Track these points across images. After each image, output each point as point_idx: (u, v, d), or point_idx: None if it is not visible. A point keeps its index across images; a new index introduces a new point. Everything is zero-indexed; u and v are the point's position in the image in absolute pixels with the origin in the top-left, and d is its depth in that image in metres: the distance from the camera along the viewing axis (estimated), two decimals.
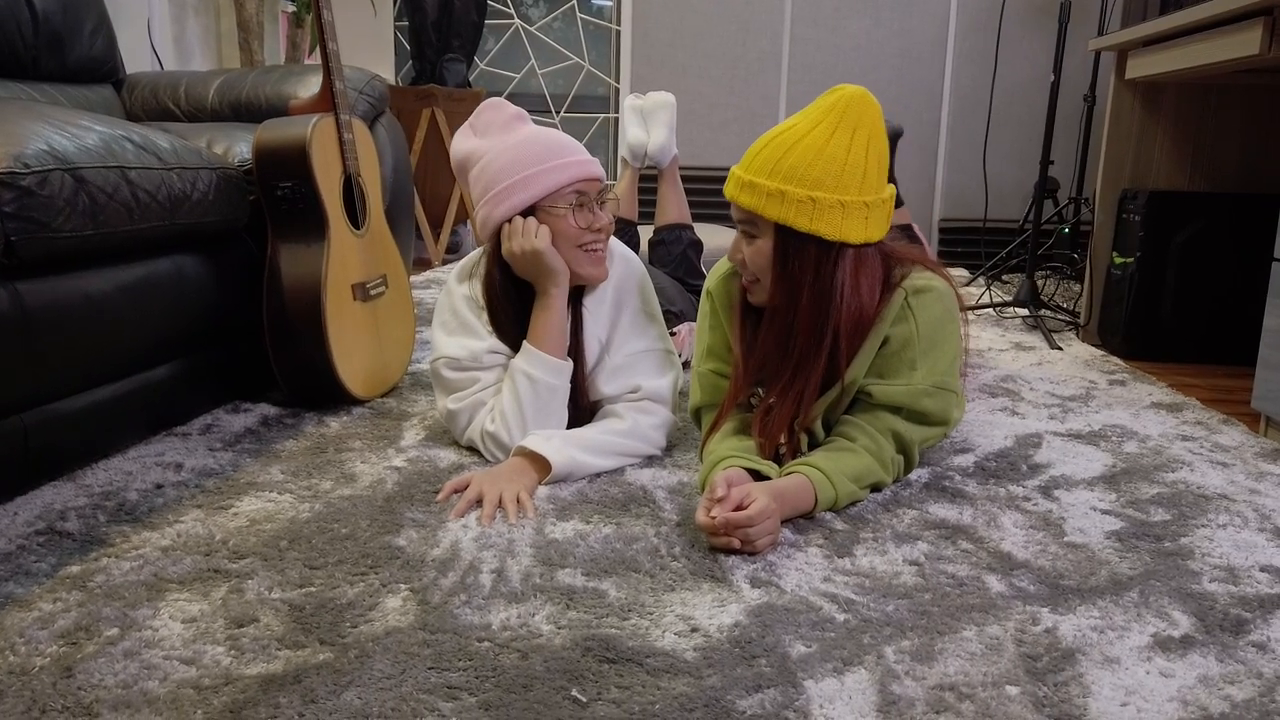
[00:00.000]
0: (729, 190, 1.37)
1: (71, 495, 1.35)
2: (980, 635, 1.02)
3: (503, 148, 1.51)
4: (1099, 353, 2.53)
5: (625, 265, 1.61)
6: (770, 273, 1.34)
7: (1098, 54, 3.60)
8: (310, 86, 2.21)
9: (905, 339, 1.36)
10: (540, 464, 1.41)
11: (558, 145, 1.51)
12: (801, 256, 1.31)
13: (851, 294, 1.33)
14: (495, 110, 1.56)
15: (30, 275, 1.27)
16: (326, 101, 1.82)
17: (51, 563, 1.15)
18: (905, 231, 2.13)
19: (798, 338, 1.34)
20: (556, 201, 1.48)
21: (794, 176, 1.29)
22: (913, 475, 1.49)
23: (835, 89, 1.35)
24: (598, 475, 1.46)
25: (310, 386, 1.78)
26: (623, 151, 2.67)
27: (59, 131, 1.34)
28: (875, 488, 1.41)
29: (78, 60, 2.20)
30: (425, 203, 3.86)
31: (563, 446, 1.43)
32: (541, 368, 1.49)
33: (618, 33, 4.35)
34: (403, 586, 1.10)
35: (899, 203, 2.29)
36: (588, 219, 1.50)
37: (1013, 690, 0.92)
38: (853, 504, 1.36)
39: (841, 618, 1.05)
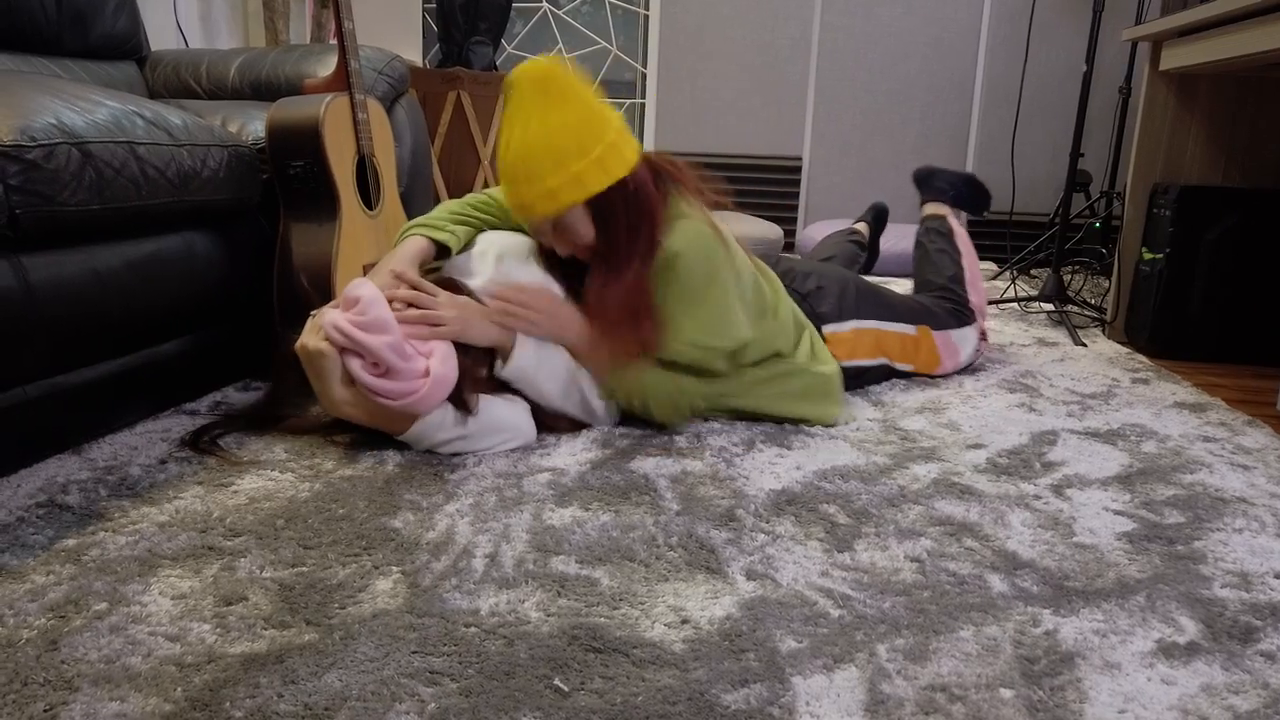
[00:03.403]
0: (520, 218, 1.55)
1: (75, 469, 1.36)
2: (977, 635, 1.00)
3: None
4: (1124, 350, 2.47)
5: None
6: (594, 234, 1.51)
7: (1134, 44, 3.52)
8: (330, 66, 2.20)
9: (662, 299, 1.53)
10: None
11: None
12: (612, 205, 1.48)
13: (649, 203, 1.51)
14: None
15: (35, 248, 1.27)
16: (341, 81, 1.81)
17: (49, 535, 1.15)
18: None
19: (623, 262, 1.51)
20: None
21: (559, 164, 1.43)
22: (921, 470, 1.47)
23: (509, 82, 1.45)
24: (601, 463, 1.45)
25: None
26: None
27: (68, 106, 1.34)
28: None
29: (100, 37, 2.21)
30: (450, 186, 3.85)
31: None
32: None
33: (646, 17, 4.32)
34: (394, 569, 1.10)
35: None
36: None
37: (1007, 693, 0.90)
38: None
39: (836, 613, 1.03)
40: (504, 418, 1.49)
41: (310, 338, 1.42)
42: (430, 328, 1.43)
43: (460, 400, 1.44)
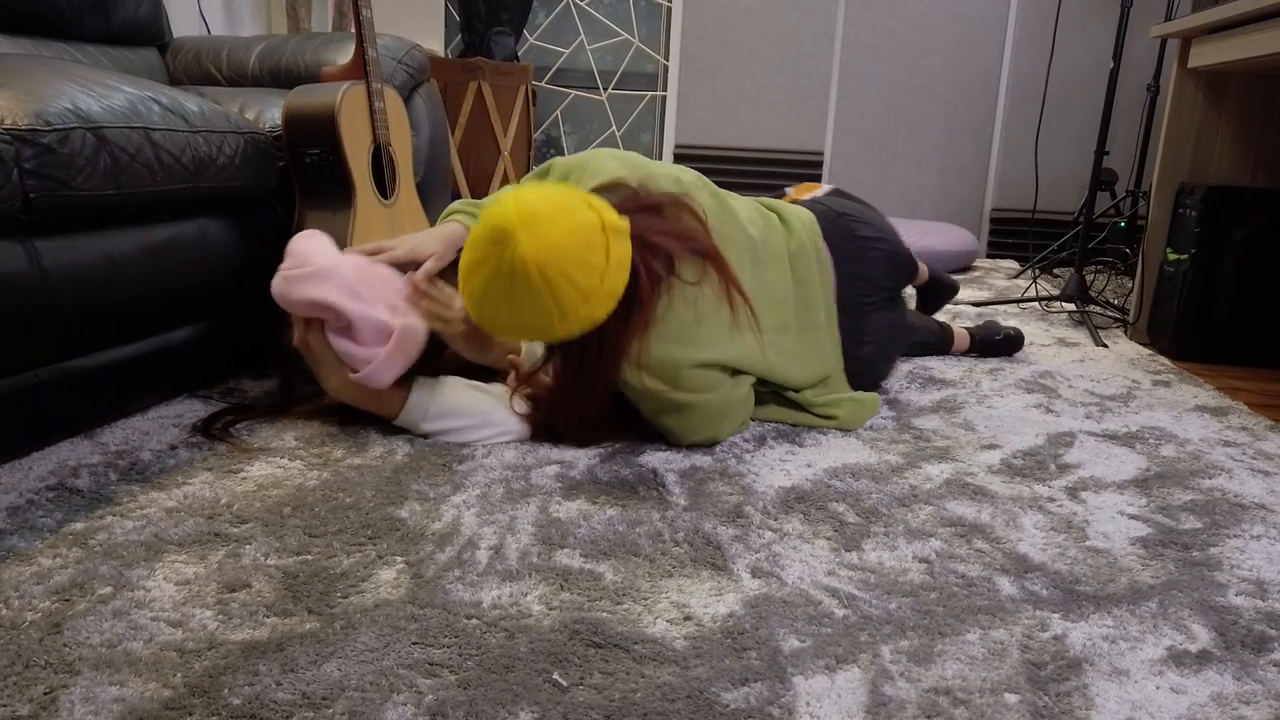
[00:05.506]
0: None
1: (87, 452, 1.36)
2: (984, 639, 0.98)
3: None
4: (1146, 352, 2.44)
5: None
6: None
7: (1163, 41, 3.47)
8: (349, 54, 2.20)
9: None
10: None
11: None
12: (570, 349, 1.39)
13: (613, 348, 1.38)
14: None
15: (49, 233, 1.28)
16: (358, 69, 1.81)
17: (57, 518, 1.16)
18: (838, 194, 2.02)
19: (573, 388, 1.43)
20: None
21: (522, 333, 1.36)
22: (934, 469, 1.45)
23: (491, 248, 1.29)
24: (610, 457, 1.44)
25: None
26: None
27: (85, 91, 1.35)
28: None
29: (122, 22, 2.22)
30: (469, 176, 3.85)
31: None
32: None
33: (668, 9, 4.29)
34: (399, 559, 1.10)
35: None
36: None
37: (1011, 698, 0.88)
38: None
39: (841, 613, 1.02)
40: (496, 411, 1.49)
41: (297, 327, 1.46)
42: (441, 320, 1.45)
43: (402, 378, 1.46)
